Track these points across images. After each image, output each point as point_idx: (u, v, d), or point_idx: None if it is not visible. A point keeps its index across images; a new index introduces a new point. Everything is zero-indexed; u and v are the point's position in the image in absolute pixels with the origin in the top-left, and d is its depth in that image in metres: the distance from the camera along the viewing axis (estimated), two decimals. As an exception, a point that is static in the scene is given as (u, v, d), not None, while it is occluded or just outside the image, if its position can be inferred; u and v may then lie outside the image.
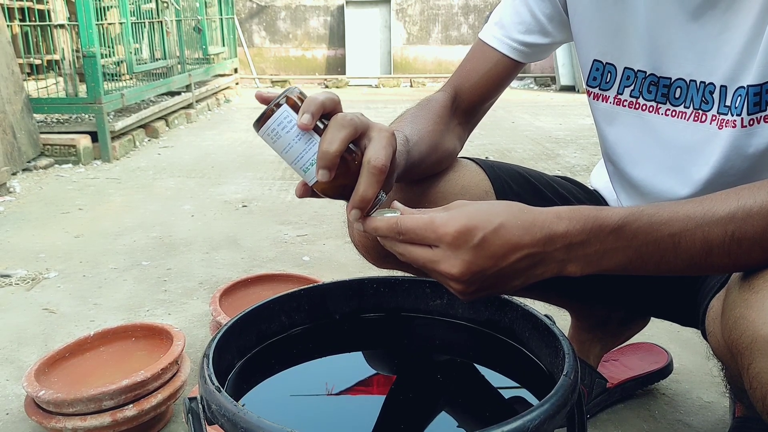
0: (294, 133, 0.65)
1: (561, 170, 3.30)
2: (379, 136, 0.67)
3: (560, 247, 0.63)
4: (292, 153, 0.66)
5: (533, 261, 0.63)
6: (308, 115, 0.64)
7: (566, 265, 0.64)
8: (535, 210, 0.64)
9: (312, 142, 0.65)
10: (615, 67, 0.89)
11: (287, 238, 2.33)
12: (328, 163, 0.64)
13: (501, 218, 0.62)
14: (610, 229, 0.62)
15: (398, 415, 0.68)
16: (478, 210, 0.63)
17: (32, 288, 1.91)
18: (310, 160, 0.66)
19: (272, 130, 0.65)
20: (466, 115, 0.99)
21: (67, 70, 3.72)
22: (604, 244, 0.63)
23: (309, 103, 0.65)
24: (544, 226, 0.63)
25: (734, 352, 0.63)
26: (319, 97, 0.65)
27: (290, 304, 0.80)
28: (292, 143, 0.66)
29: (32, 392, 1.11)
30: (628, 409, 1.25)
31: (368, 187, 0.65)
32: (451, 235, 0.62)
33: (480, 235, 0.61)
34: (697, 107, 0.83)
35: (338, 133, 0.64)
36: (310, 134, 0.65)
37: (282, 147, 0.66)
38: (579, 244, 0.63)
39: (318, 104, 0.65)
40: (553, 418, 0.55)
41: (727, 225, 0.60)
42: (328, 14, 8.12)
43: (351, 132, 0.65)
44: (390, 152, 0.66)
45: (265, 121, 0.65)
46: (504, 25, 0.96)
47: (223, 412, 0.55)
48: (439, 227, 0.62)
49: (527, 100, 6.19)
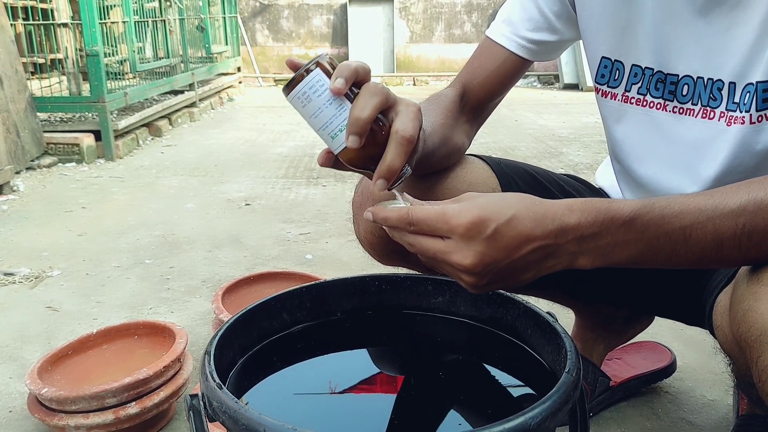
0: (325, 97, 0.65)
1: (564, 168, 3.29)
2: (407, 109, 0.67)
3: (572, 240, 0.63)
4: (322, 118, 0.66)
5: (545, 253, 0.63)
6: (342, 80, 0.64)
7: (578, 257, 0.64)
8: (546, 202, 0.64)
9: (343, 108, 0.65)
10: (623, 65, 0.89)
11: (290, 237, 2.33)
12: (360, 129, 0.64)
13: (513, 210, 0.62)
14: (621, 222, 0.62)
15: (399, 412, 0.68)
16: (490, 201, 0.63)
17: (35, 286, 1.92)
18: (340, 126, 0.65)
19: (303, 93, 0.65)
20: (474, 112, 0.99)
21: (71, 69, 3.73)
22: (616, 236, 0.62)
23: (343, 69, 0.65)
24: (555, 218, 0.62)
25: (743, 345, 0.62)
26: (352, 64, 0.66)
27: (292, 302, 0.79)
28: (322, 107, 0.65)
29: (35, 390, 1.11)
30: (631, 407, 1.24)
31: (396, 156, 0.65)
32: (463, 226, 0.61)
33: (493, 227, 0.61)
34: (705, 104, 0.83)
35: (370, 100, 0.64)
36: (341, 100, 0.65)
37: (311, 111, 0.66)
38: (590, 237, 0.63)
39: (352, 70, 0.65)
40: (556, 415, 0.54)
41: (737, 218, 0.60)
42: (331, 13, 8.12)
43: (382, 100, 0.65)
44: (417, 125, 0.67)
45: (296, 84, 0.65)
46: (512, 23, 0.95)
47: (225, 409, 0.55)
48: (451, 218, 0.62)
49: (531, 99, 6.17)
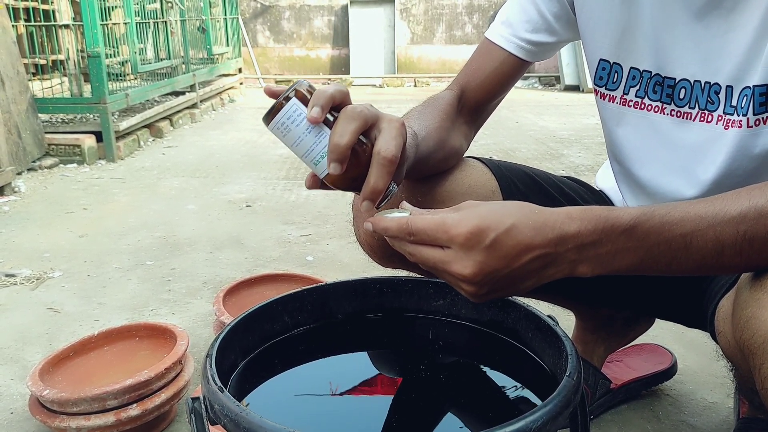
0: (304, 126, 0.65)
1: (565, 170, 3.29)
2: (389, 126, 0.67)
3: (572, 248, 0.63)
4: (303, 146, 0.66)
5: (545, 262, 0.63)
6: (318, 108, 0.64)
7: (578, 265, 0.64)
8: (546, 210, 0.64)
9: (322, 135, 0.65)
10: (621, 67, 0.89)
11: (291, 238, 2.33)
12: (339, 156, 0.64)
13: (513, 219, 0.62)
14: (621, 230, 0.62)
15: (401, 416, 0.68)
16: (489, 210, 0.63)
17: (37, 287, 1.92)
18: (321, 153, 0.66)
19: (282, 123, 0.65)
20: (473, 114, 0.99)
21: (72, 70, 3.73)
22: (616, 244, 0.62)
23: (318, 96, 0.65)
24: (555, 226, 0.62)
25: (746, 352, 0.62)
26: (328, 90, 0.65)
27: (293, 305, 0.80)
28: (302, 136, 0.66)
29: (36, 391, 1.11)
30: (632, 410, 1.24)
31: (379, 178, 0.65)
32: (463, 236, 0.61)
33: (492, 236, 0.61)
34: (703, 107, 0.83)
35: (348, 126, 0.64)
36: (320, 127, 0.65)
37: (292, 140, 0.66)
38: (590, 245, 0.63)
39: (327, 97, 0.65)
40: (556, 418, 0.54)
41: (738, 225, 0.60)
42: (332, 14, 8.12)
43: (361, 124, 0.65)
44: (400, 143, 0.66)
45: (275, 114, 0.65)
46: (511, 24, 0.95)
47: (226, 412, 0.55)
48: (450, 228, 0.62)
49: (531, 100, 6.17)
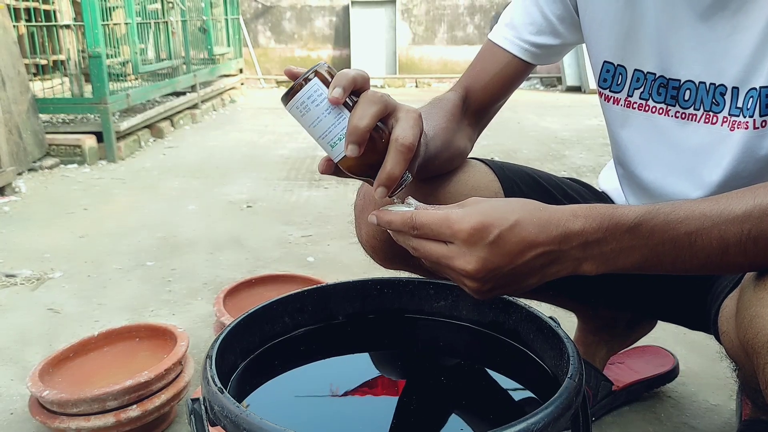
0: (324, 106, 0.65)
1: (567, 171, 3.29)
2: (407, 116, 0.67)
3: (576, 246, 0.62)
4: (321, 127, 0.66)
5: (549, 259, 0.63)
6: (340, 89, 0.64)
7: (582, 263, 0.64)
8: (550, 208, 0.64)
9: (341, 117, 0.65)
10: (626, 69, 0.88)
11: (292, 239, 2.33)
12: (358, 138, 0.63)
13: (517, 215, 0.62)
14: (626, 228, 0.62)
15: (402, 417, 0.68)
16: (493, 207, 0.63)
17: (37, 288, 1.92)
18: (339, 135, 0.65)
19: (301, 103, 0.65)
20: (476, 116, 0.98)
21: (73, 71, 3.73)
22: (620, 242, 0.62)
23: (341, 78, 0.65)
24: (559, 224, 0.62)
25: (749, 351, 0.62)
26: (350, 72, 0.65)
27: (293, 305, 0.79)
28: (321, 117, 0.65)
29: (36, 392, 1.11)
30: (633, 411, 1.24)
31: (396, 164, 0.64)
32: (466, 232, 0.61)
33: (496, 232, 0.61)
34: (708, 109, 0.83)
35: (369, 109, 0.64)
36: (340, 109, 0.65)
37: (310, 121, 0.66)
38: (595, 243, 0.62)
39: (350, 79, 0.65)
40: (558, 420, 0.54)
41: (743, 223, 0.60)
42: (334, 14, 8.12)
43: (381, 108, 0.65)
44: (417, 132, 0.66)
45: (294, 94, 0.65)
46: (515, 26, 0.95)
47: (226, 413, 0.55)
48: (454, 223, 0.62)
49: (533, 101, 6.16)
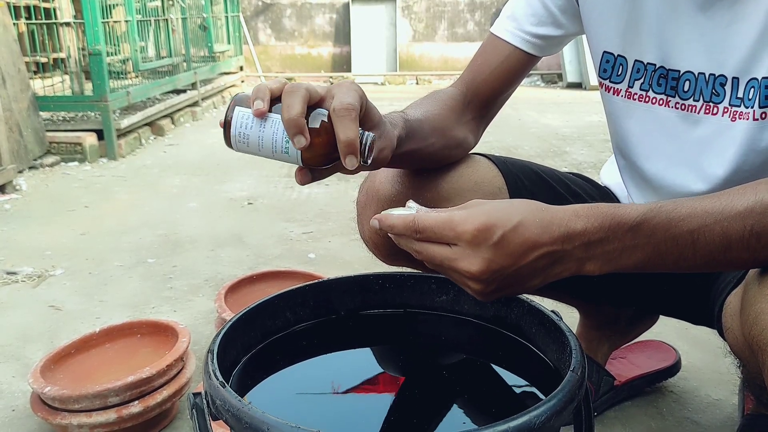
0: (257, 125, 0.66)
1: (568, 167, 3.29)
2: (339, 88, 0.67)
3: (579, 245, 0.62)
4: (266, 143, 0.67)
5: (552, 259, 0.63)
6: (258, 101, 0.65)
7: (585, 263, 0.64)
8: (552, 208, 0.64)
9: (276, 123, 0.66)
10: (626, 60, 0.88)
11: (293, 236, 2.33)
12: (296, 128, 0.64)
13: (520, 216, 0.62)
14: (628, 227, 0.62)
15: (404, 412, 0.68)
16: (496, 208, 0.63)
17: (38, 285, 1.92)
18: (284, 139, 0.66)
19: (239, 134, 0.67)
20: (480, 110, 0.98)
21: (73, 68, 3.73)
22: (623, 241, 0.62)
23: (255, 92, 0.66)
24: (562, 224, 0.62)
25: (754, 348, 0.62)
26: (265, 83, 0.67)
27: (295, 300, 0.79)
28: (260, 135, 0.66)
29: (38, 389, 1.11)
30: (635, 406, 1.24)
31: (345, 128, 0.64)
32: (470, 233, 0.61)
33: (499, 233, 0.61)
34: (708, 100, 0.82)
35: (293, 98, 0.64)
36: (271, 118, 0.66)
37: (255, 144, 0.67)
38: (597, 242, 0.62)
39: (264, 89, 0.66)
40: (560, 413, 0.54)
41: (745, 219, 0.60)
42: (334, 11, 8.12)
43: (304, 94, 0.65)
44: (354, 95, 0.66)
45: (229, 131, 0.67)
46: (516, 18, 0.95)
47: (228, 407, 0.55)
48: (458, 225, 0.61)
49: (534, 98, 6.15)
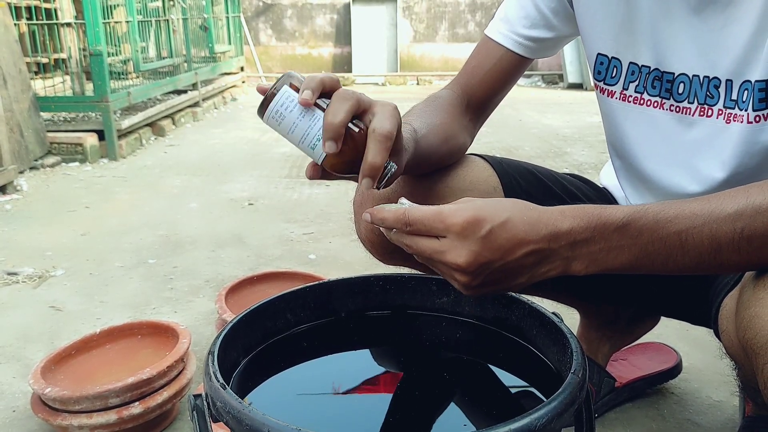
0: (297, 111, 0.67)
1: (568, 168, 3.29)
2: (383, 109, 0.68)
3: (565, 245, 0.63)
4: (298, 132, 0.67)
5: (539, 257, 0.64)
6: (308, 91, 0.66)
7: (571, 262, 0.64)
8: (540, 208, 0.65)
9: (316, 118, 0.67)
10: (620, 62, 0.88)
11: (293, 236, 2.33)
12: (334, 134, 0.65)
13: (508, 213, 0.63)
14: (614, 227, 0.63)
15: (405, 413, 0.68)
16: (486, 203, 0.64)
17: (39, 286, 1.92)
18: (316, 136, 0.67)
19: (276, 111, 0.67)
20: (476, 112, 0.99)
21: (74, 69, 3.73)
22: (609, 241, 0.63)
23: (309, 81, 0.67)
24: (548, 223, 0.63)
25: (749, 351, 0.62)
26: (318, 76, 0.67)
27: (296, 302, 0.79)
28: (296, 122, 0.67)
29: (38, 389, 1.11)
30: (636, 408, 1.24)
31: (376, 154, 0.66)
32: (459, 225, 0.62)
33: (488, 227, 0.62)
34: (702, 102, 0.82)
35: (341, 105, 0.66)
36: (313, 111, 0.67)
37: (287, 128, 0.68)
38: (583, 242, 0.63)
39: (317, 81, 0.67)
40: (561, 415, 0.54)
41: (735, 222, 0.60)
42: (335, 12, 8.12)
43: (354, 104, 0.66)
44: (395, 123, 0.67)
45: (268, 104, 0.67)
46: (509, 20, 0.95)
47: (228, 409, 0.55)
48: (447, 217, 0.63)
49: (534, 98, 6.16)
